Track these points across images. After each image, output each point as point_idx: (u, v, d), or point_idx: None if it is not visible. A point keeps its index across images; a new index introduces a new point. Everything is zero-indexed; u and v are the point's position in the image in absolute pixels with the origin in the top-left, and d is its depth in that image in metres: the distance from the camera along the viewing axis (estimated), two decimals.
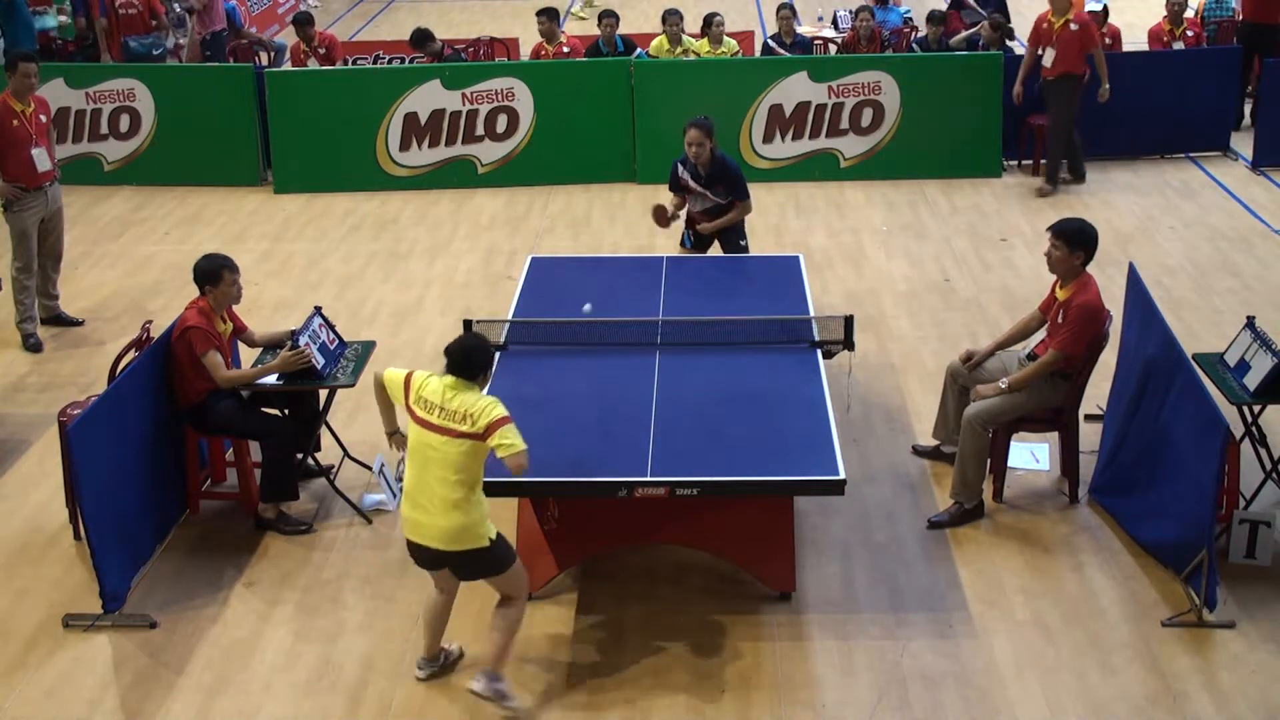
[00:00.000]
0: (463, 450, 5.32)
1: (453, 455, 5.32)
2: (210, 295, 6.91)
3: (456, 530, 5.37)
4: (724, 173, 8.59)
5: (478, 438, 5.31)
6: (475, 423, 5.30)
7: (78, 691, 5.86)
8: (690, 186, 8.62)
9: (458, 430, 5.31)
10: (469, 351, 5.45)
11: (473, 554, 5.43)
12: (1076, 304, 6.75)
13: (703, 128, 8.40)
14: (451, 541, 5.40)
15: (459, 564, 5.52)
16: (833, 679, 5.83)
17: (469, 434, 5.30)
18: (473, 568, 5.53)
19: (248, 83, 12.68)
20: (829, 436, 6.09)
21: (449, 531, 5.37)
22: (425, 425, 5.39)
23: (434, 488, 5.36)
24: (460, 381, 5.41)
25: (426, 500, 5.38)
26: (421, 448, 5.40)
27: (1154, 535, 6.56)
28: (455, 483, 5.33)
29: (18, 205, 9.11)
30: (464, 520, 5.36)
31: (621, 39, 13.56)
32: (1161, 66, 12.97)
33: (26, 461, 7.80)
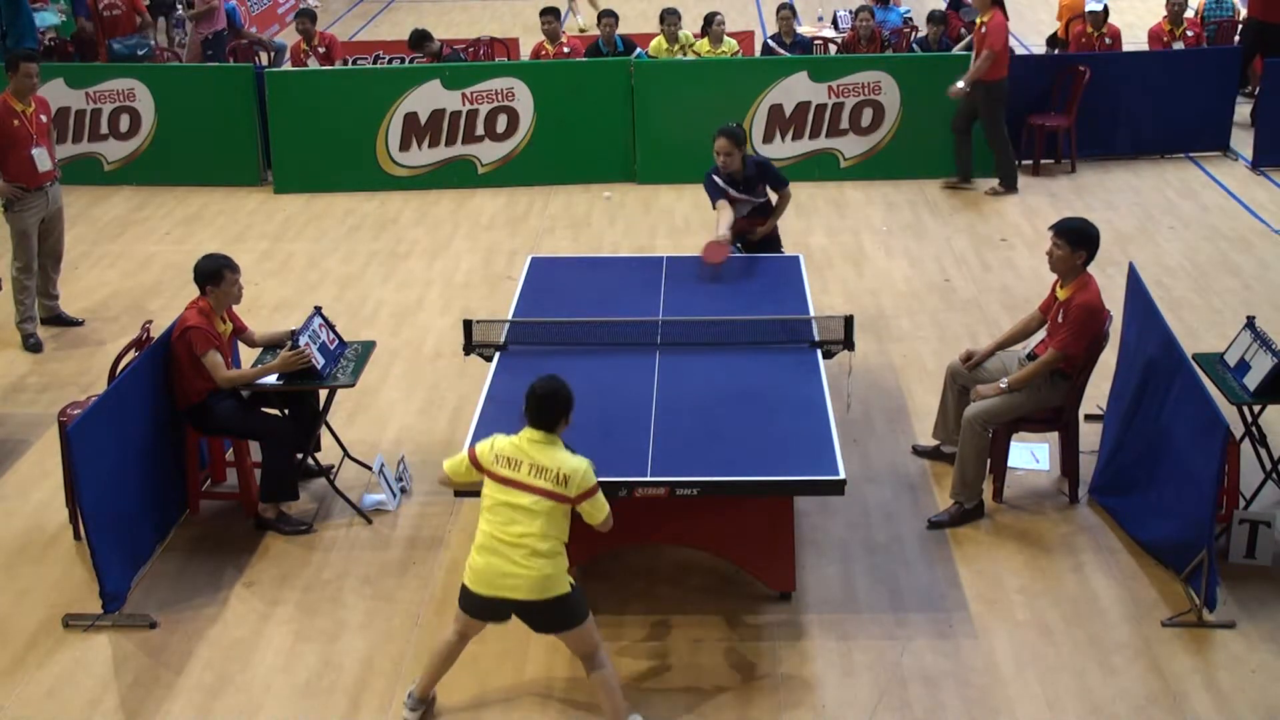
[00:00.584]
0: (553, 508, 5.27)
1: (543, 512, 5.25)
2: (211, 295, 6.91)
3: (543, 579, 5.26)
4: (759, 171, 8.43)
5: (568, 500, 5.28)
6: (569, 486, 5.26)
7: (78, 691, 5.86)
8: (735, 196, 8.37)
9: (550, 490, 5.26)
10: (545, 401, 5.34)
11: (557, 602, 5.31)
12: (1077, 303, 6.75)
13: (732, 137, 8.22)
14: (539, 591, 5.26)
15: (540, 614, 5.36)
16: (833, 679, 5.83)
17: (561, 495, 5.27)
18: (552, 618, 5.37)
19: (248, 83, 12.67)
20: (829, 436, 6.09)
21: (537, 581, 5.25)
22: (511, 484, 5.29)
23: (523, 541, 5.25)
24: (545, 435, 5.34)
25: (509, 553, 5.25)
26: (506, 505, 5.29)
27: (1154, 535, 6.56)
28: (546, 536, 5.26)
29: (18, 205, 9.12)
30: (552, 570, 5.28)
31: (621, 39, 13.56)
32: (1161, 66, 12.97)
33: (26, 461, 7.80)
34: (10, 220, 9.21)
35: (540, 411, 5.36)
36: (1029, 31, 18.24)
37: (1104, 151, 12.87)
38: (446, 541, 6.89)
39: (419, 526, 7.05)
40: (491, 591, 5.32)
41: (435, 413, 8.25)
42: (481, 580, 5.34)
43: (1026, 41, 17.53)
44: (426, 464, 7.56)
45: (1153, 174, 12.56)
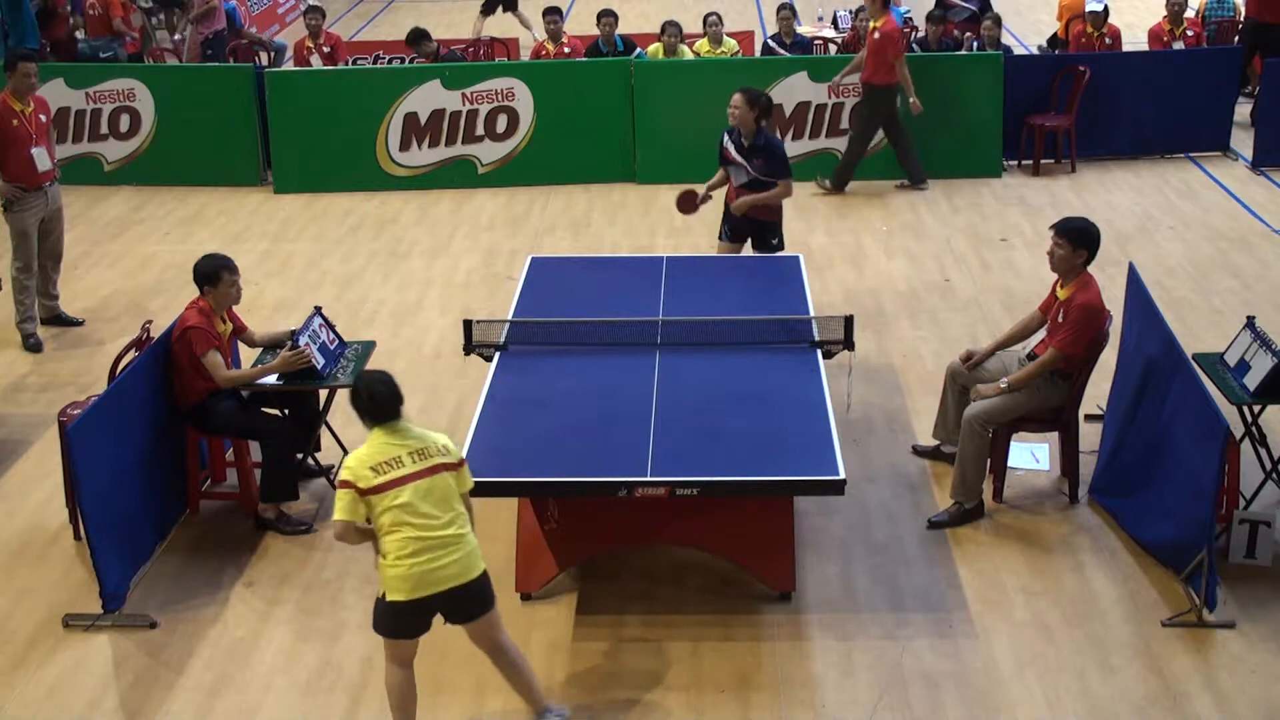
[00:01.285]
0: (449, 480, 5.20)
1: (445, 487, 5.18)
2: (210, 295, 6.91)
3: (471, 555, 5.18)
4: (765, 146, 8.48)
5: (456, 467, 5.24)
6: (450, 453, 5.24)
7: (78, 691, 5.86)
8: (730, 155, 8.54)
9: (440, 463, 5.18)
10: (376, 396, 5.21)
11: (485, 578, 5.25)
12: (1077, 303, 6.75)
13: (746, 95, 8.41)
14: (473, 569, 5.17)
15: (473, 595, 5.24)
16: (833, 679, 5.83)
17: (451, 464, 5.22)
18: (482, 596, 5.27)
19: (248, 83, 12.68)
20: (829, 436, 6.09)
21: (468, 559, 5.16)
22: (403, 481, 5.11)
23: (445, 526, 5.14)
24: (399, 424, 5.22)
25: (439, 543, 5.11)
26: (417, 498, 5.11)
27: (1154, 535, 6.56)
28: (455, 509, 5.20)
29: (18, 205, 9.12)
30: (473, 545, 5.21)
31: (621, 38, 13.56)
32: (1161, 66, 12.97)
33: (26, 461, 7.80)
34: (10, 220, 9.21)
35: (383, 407, 5.20)
36: (1029, 32, 18.24)
37: (1104, 151, 12.87)
38: None
39: None
40: (428, 590, 5.12)
41: (435, 413, 8.25)
42: (419, 584, 5.10)
43: (1027, 41, 17.53)
44: None
45: (1153, 174, 12.56)
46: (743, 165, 8.53)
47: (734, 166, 8.59)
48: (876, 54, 11.76)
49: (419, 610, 5.19)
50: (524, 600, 6.34)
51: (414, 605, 5.16)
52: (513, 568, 6.34)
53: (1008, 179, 12.51)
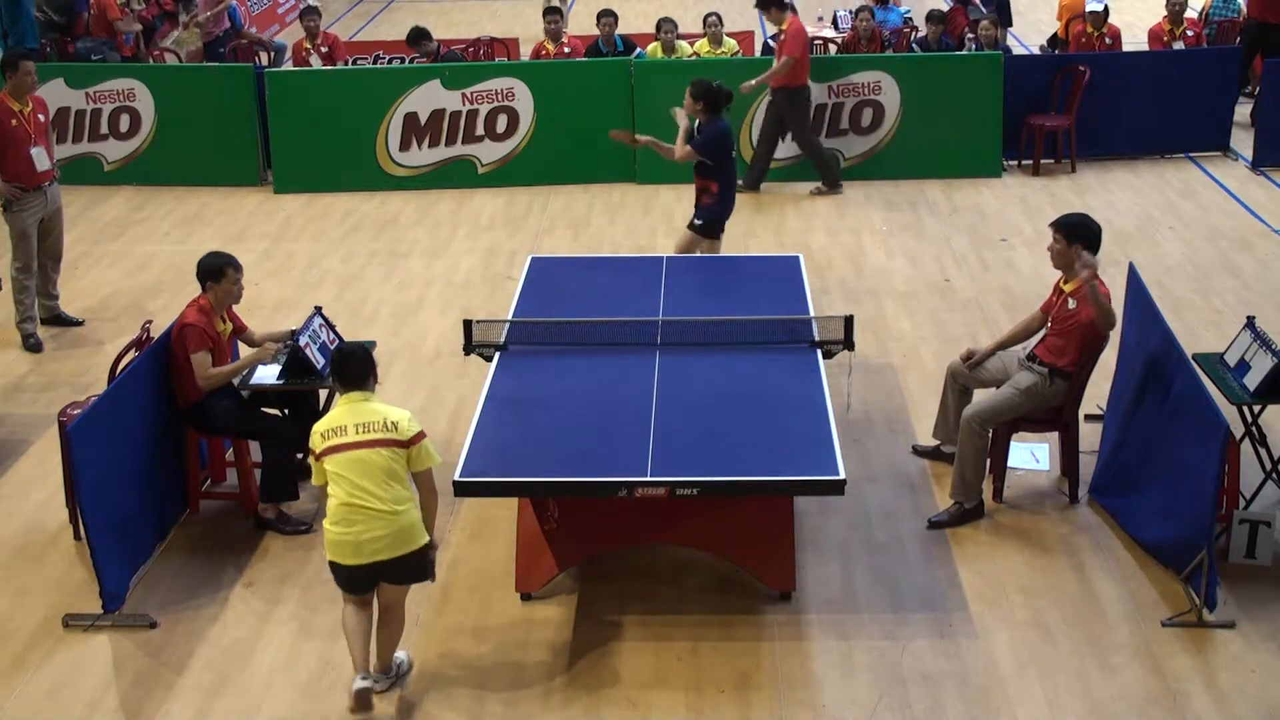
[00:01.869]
0: (390, 457, 5.41)
1: (381, 464, 5.38)
2: (211, 292, 6.91)
3: (403, 532, 5.42)
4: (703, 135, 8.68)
5: (402, 445, 5.41)
6: (399, 430, 5.41)
7: (78, 691, 5.86)
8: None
9: (381, 439, 5.40)
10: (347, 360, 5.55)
11: (419, 553, 5.49)
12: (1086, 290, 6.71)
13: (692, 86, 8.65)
14: (402, 545, 5.42)
15: (405, 568, 5.51)
16: (833, 679, 5.83)
17: (394, 440, 5.40)
18: (413, 569, 5.55)
19: (248, 83, 12.67)
20: (829, 436, 6.09)
21: (398, 535, 5.40)
22: (342, 449, 5.41)
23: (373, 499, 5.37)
24: (360, 395, 5.53)
25: (365, 516, 5.38)
26: (348, 468, 5.39)
27: (1154, 535, 6.56)
28: (391, 487, 5.40)
29: (17, 205, 9.12)
30: (408, 521, 5.43)
31: (621, 38, 13.55)
32: (1161, 66, 12.97)
33: (26, 461, 7.80)
34: (9, 220, 9.20)
35: (349, 374, 5.52)
36: (1029, 31, 18.24)
37: (1104, 151, 12.86)
38: (446, 542, 6.88)
39: None
40: (360, 559, 5.42)
41: (435, 413, 8.25)
42: (348, 551, 5.44)
43: (1027, 41, 17.53)
44: None
45: (1153, 174, 12.55)
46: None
47: None
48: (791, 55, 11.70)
49: (354, 575, 5.52)
50: (524, 600, 6.34)
51: (348, 570, 5.48)
52: (513, 568, 6.34)
53: (1008, 179, 12.51)
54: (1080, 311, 6.76)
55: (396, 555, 5.44)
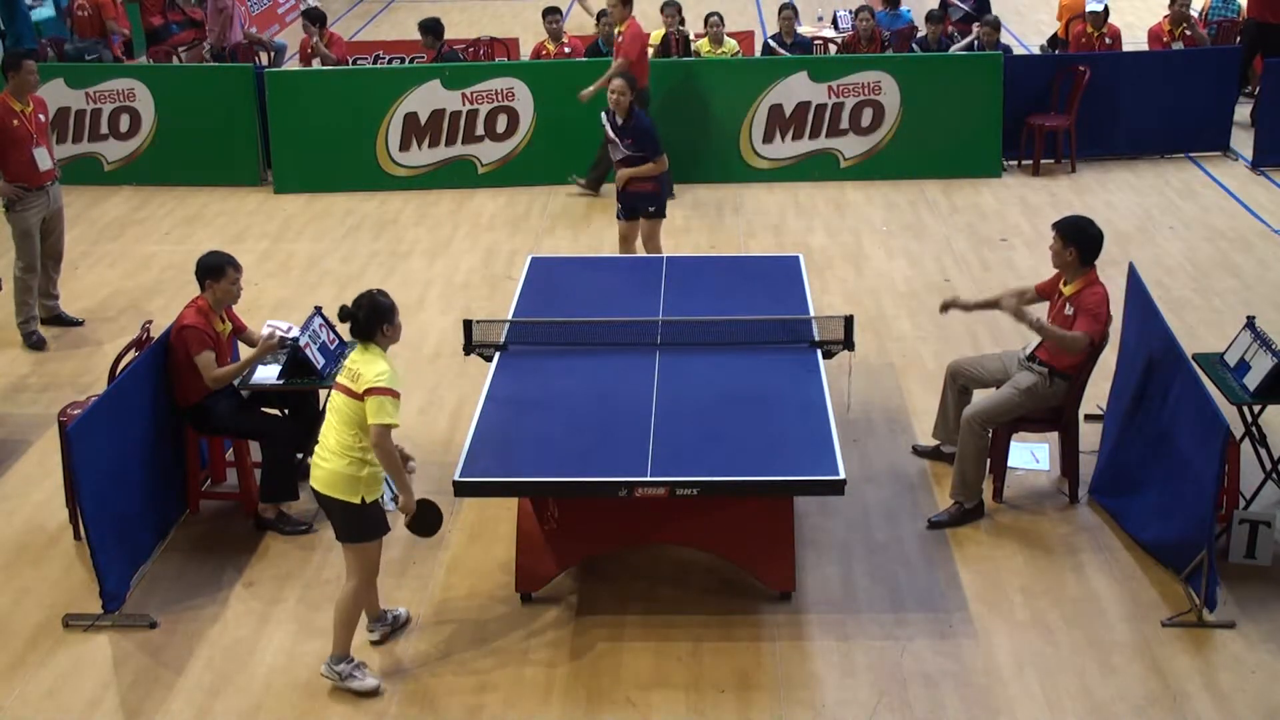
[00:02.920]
0: (345, 405, 5.58)
1: (342, 409, 5.60)
2: (210, 291, 6.91)
3: (331, 476, 5.61)
4: (636, 126, 9.18)
5: (356, 396, 5.54)
6: (358, 383, 5.55)
7: (78, 691, 5.86)
8: (609, 135, 9.32)
9: (345, 386, 5.60)
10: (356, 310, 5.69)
11: (341, 506, 5.63)
12: (1087, 292, 6.74)
13: (626, 78, 9.31)
14: (326, 486, 5.63)
15: (328, 510, 5.75)
16: (833, 679, 5.83)
17: (351, 390, 5.56)
18: (336, 520, 5.74)
19: (248, 83, 12.68)
20: (829, 436, 6.09)
21: (325, 476, 5.62)
22: (334, 386, 5.74)
23: (328, 435, 5.64)
24: (364, 344, 5.68)
25: (321, 447, 5.67)
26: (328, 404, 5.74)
27: (1154, 535, 6.56)
28: (343, 433, 5.59)
29: (20, 205, 9.12)
30: (338, 469, 5.58)
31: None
32: (1161, 66, 12.97)
33: (26, 461, 7.80)
34: (12, 221, 9.21)
35: (353, 324, 5.69)
36: (1029, 31, 18.24)
37: (1104, 151, 12.87)
38: (446, 542, 6.88)
39: None
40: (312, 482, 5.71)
41: (435, 413, 8.25)
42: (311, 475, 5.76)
43: (1027, 41, 17.53)
44: (426, 464, 7.54)
45: (1153, 174, 12.56)
46: (617, 143, 9.27)
47: (612, 145, 9.37)
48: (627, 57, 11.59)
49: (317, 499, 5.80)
50: (524, 600, 6.34)
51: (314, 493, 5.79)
52: (513, 568, 6.34)
53: (1008, 179, 12.51)
54: (1076, 318, 6.76)
55: (333, 495, 5.63)
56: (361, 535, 5.72)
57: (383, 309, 5.70)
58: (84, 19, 15.06)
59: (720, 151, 12.62)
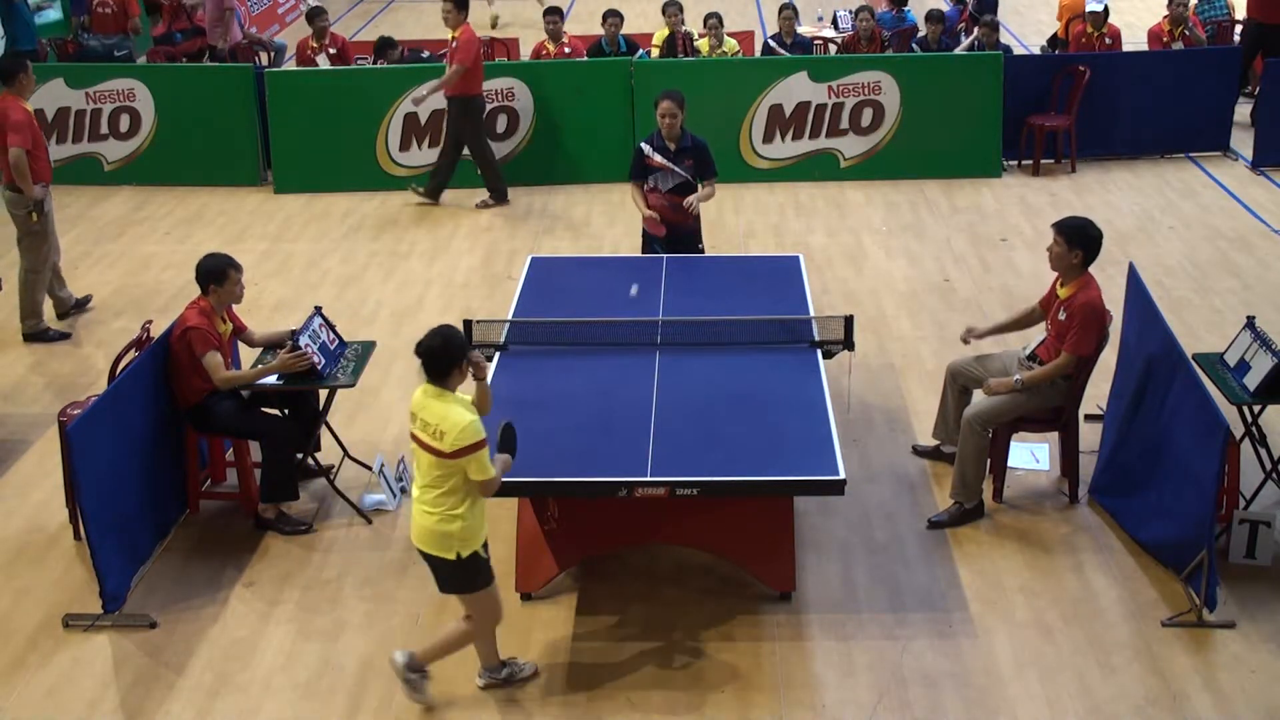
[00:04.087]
0: (435, 463, 5.33)
1: (427, 467, 5.36)
2: (213, 294, 6.91)
3: (432, 534, 5.40)
4: (694, 146, 8.31)
5: (443, 456, 5.28)
6: (443, 441, 5.27)
7: (78, 691, 5.86)
8: (656, 163, 8.26)
9: (428, 444, 5.32)
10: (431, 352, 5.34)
11: (442, 562, 5.44)
12: (1079, 303, 6.74)
13: (676, 98, 8.21)
14: (430, 544, 5.43)
15: (434, 568, 5.54)
16: (833, 679, 5.83)
17: (436, 450, 5.29)
18: (440, 575, 5.53)
19: (248, 83, 12.68)
20: (829, 436, 6.09)
21: (428, 534, 5.42)
22: (415, 439, 5.42)
23: (421, 494, 5.42)
24: (432, 388, 5.36)
25: (416, 504, 5.45)
26: (416, 456, 5.47)
27: (1154, 535, 6.56)
28: (432, 490, 5.36)
29: (46, 205, 9.24)
30: (440, 527, 5.36)
31: (624, 39, 13.56)
32: (1161, 66, 12.97)
33: (26, 461, 7.80)
34: (42, 223, 9.26)
35: (428, 365, 5.38)
36: (1029, 32, 18.24)
37: (1104, 151, 12.87)
38: None
39: None
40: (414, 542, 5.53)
41: None
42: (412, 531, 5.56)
43: (1027, 41, 17.53)
44: None
45: (1153, 174, 12.56)
46: (670, 169, 8.29)
47: (659, 173, 8.31)
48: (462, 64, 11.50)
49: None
50: (524, 600, 6.34)
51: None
52: (513, 568, 6.34)
53: (1008, 179, 12.51)
54: (1068, 330, 6.77)
55: (427, 551, 5.45)
56: (463, 588, 5.53)
57: (458, 347, 5.37)
58: (106, 15, 15.04)
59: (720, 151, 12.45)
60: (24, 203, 9.14)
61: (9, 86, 9.13)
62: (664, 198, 8.35)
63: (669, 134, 8.27)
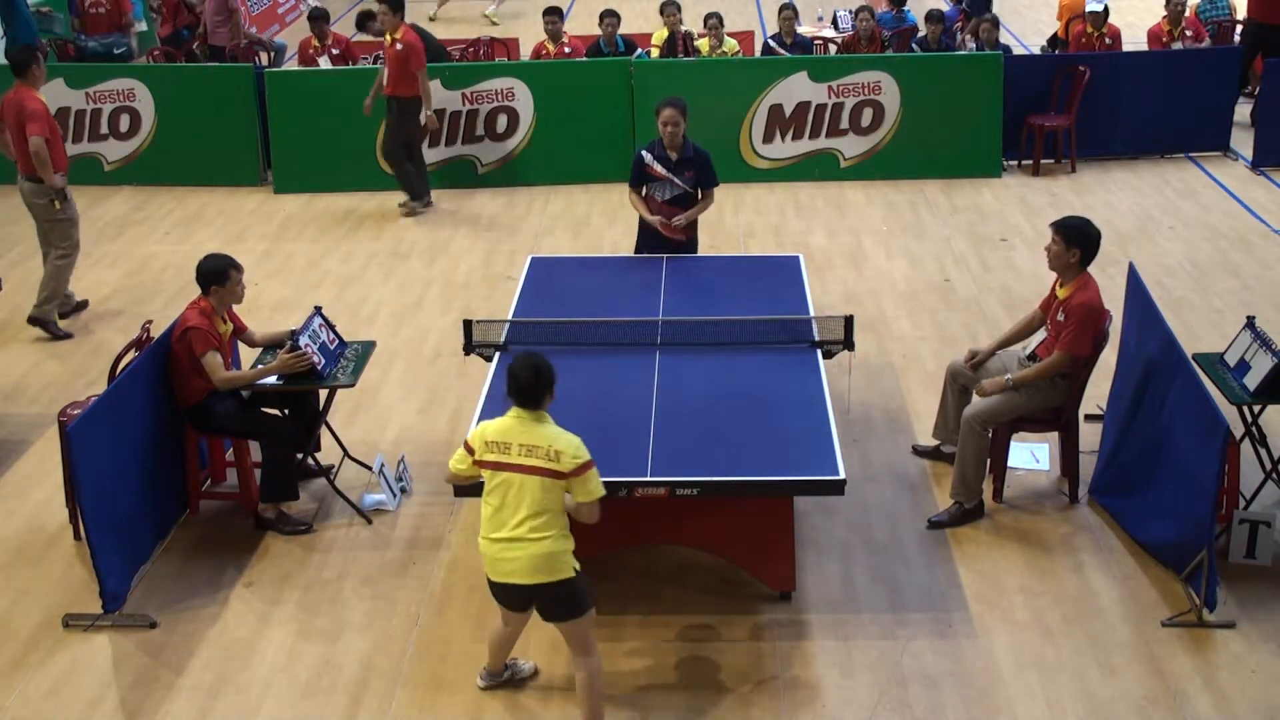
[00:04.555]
0: (546, 486, 5.20)
1: (536, 491, 5.20)
2: (214, 295, 6.91)
3: (540, 560, 5.21)
4: (696, 156, 8.17)
5: (561, 476, 5.20)
6: (560, 461, 5.18)
7: (78, 691, 5.86)
8: (657, 172, 8.14)
9: (541, 467, 5.19)
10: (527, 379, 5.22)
11: (558, 586, 5.26)
12: (1076, 303, 6.75)
13: (679, 106, 8.04)
14: (538, 573, 5.22)
15: (543, 597, 5.32)
16: (833, 679, 5.83)
17: (554, 471, 5.19)
18: (555, 603, 5.32)
19: (248, 83, 12.68)
20: (829, 436, 6.09)
21: (534, 562, 5.21)
22: (502, 467, 5.24)
23: (519, 525, 5.21)
24: (526, 414, 5.26)
25: (508, 537, 5.23)
26: (500, 488, 5.25)
27: (1154, 535, 6.56)
28: (541, 516, 5.21)
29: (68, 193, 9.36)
30: (550, 550, 5.22)
31: (623, 39, 13.56)
32: (1161, 66, 12.97)
33: (26, 461, 7.80)
34: (67, 212, 9.37)
35: (523, 392, 5.26)
36: (1029, 32, 18.24)
37: (1104, 151, 12.87)
38: (446, 542, 6.89)
39: (419, 527, 7.05)
40: (500, 578, 5.31)
41: (435, 413, 8.25)
42: (490, 567, 5.33)
43: (1027, 41, 17.53)
44: (426, 464, 7.57)
45: (1153, 174, 12.56)
46: (669, 180, 8.18)
47: (658, 183, 8.22)
48: (399, 65, 11.42)
49: (501, 590, 5.39)
50: None
51: (494, 584, 5.39)
52: None
53: (1008, 179, 12.51)
54: (1064, 329, 6.77)
55: (535, 582, 5.24)
56: (583, 606, 5.32)
57: (548, 375, 5.26)
58: (98, 16, 15.04)
59: (720, 151, 12.51)
60: (45, 192, 9.18)
61: (22, 78, 9.17)
62: (661, 208, 8.27)
63: (670, 143, 8.12)
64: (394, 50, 11.47)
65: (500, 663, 5.76)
